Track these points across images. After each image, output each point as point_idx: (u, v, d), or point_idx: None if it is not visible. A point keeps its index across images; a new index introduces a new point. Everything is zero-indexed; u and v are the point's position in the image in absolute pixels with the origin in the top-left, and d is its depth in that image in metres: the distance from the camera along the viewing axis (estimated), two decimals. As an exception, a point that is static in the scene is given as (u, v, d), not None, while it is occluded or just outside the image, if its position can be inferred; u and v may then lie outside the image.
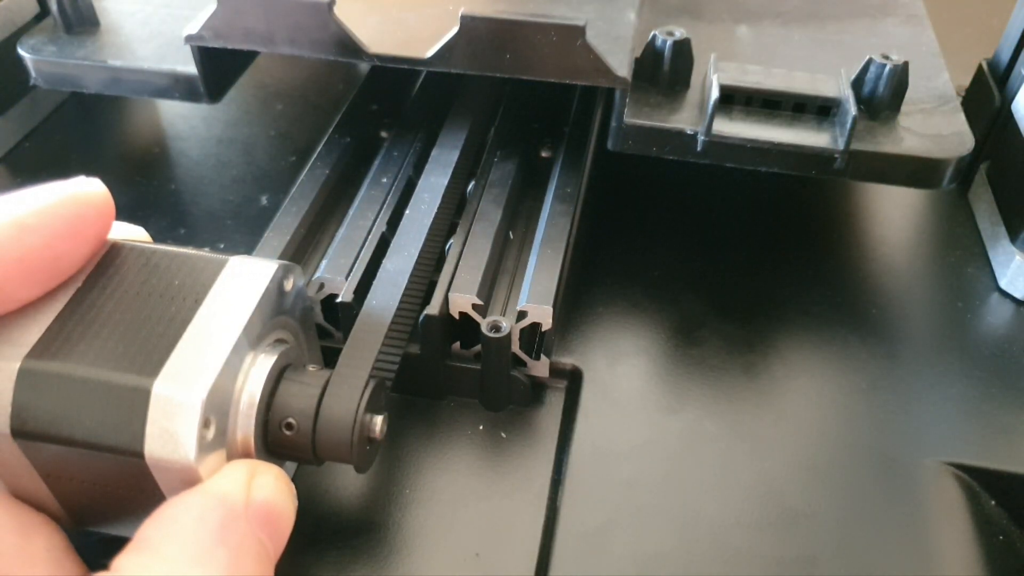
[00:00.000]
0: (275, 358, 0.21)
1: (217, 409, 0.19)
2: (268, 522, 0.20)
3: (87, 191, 0.21)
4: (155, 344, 0.19)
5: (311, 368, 0.23)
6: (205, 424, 0.19)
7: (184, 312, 0.20)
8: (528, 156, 0.34)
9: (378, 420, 0.22)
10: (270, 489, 0.20)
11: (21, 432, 0.19)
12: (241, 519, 0.19)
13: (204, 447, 0.19)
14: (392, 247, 0.28)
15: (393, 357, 0.25)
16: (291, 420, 0.21)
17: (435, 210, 0.29)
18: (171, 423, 0.18)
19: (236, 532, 0.19)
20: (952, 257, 0.34)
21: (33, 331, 0.19)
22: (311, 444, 0.21)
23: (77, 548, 0.21)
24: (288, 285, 0.22)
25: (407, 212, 0.29)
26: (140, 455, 0.18)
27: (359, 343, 0.24)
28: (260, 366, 0.21)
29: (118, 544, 0.20)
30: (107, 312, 0.20)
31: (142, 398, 0.18)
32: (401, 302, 0.25)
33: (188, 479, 0.19)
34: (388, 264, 0.27)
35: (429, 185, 0.30)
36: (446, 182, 0.30)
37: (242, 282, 0.21)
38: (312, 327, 0.25)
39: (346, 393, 0.21)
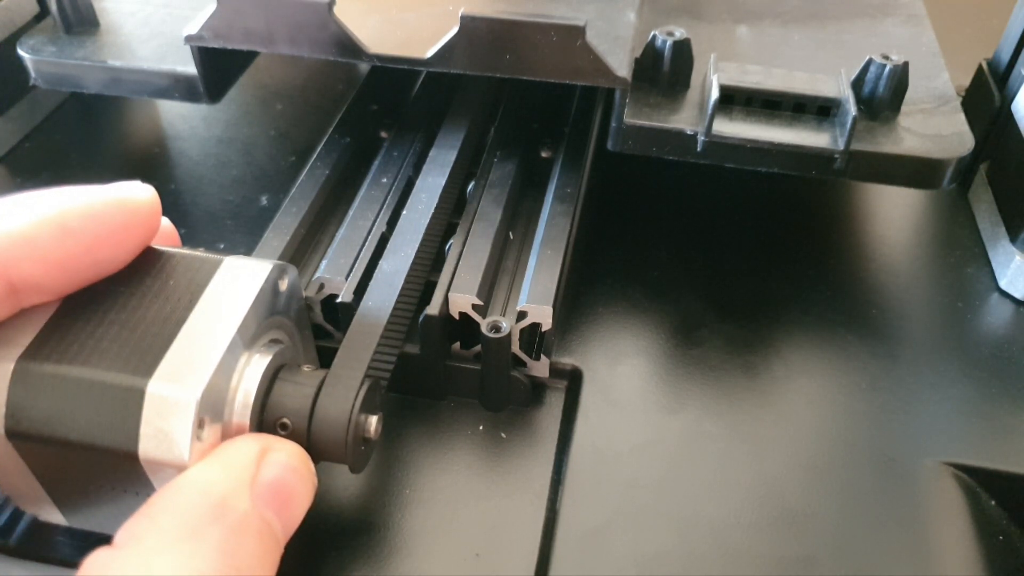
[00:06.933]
0: (270, 358, 0.21)
1: (212, 409, 0.19)
2: (277, 500, 0.19)
3: (135, 197, 0.20)
4: (150, 344, 0.19)
5: (306, 368, 0.23)
6: (200, 424, 0.19)
7: (179, 312, 0.20)
8: (528, 156, 0.34)
9: (373, 420, 0.22)
10: (281, 467, 0.19)
11: (15, 433, 0.19)
12: (242, 499, 0.18)
13: (198, 447, 0.19)
14: (388, 248, 0.28)
15: (389, 357, 0.25)
16: (286, 420, 0.21)
17: (432, 210, 0.29)
18: (165, 423, 0.18)
19: (232, 513, 0.18)
20: (952, 257, 0.34)
21: (27, 331, 0.19)
22: (306, 444, 0.21)
23: (76, 549, 0.21)
24: (283, 285, 0.22)
25: (404, 213, 0.29)
26: (134, 455, 0.18)
27: (355, 344, 0.23)
28: (255, 366, 0.21)
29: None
30: (101, 312, 0.20)
31: (136, 398, 0.18)
32: (397, 303, 0.25)
33: None
34: (384, 265, 0.27)
35: (427, 185, 0.30)
36: (443, 182, 0.30)
37: (237, 282, 0.21)
38: (307, 327, 0.25)
39: (341, 393, 0.21)
